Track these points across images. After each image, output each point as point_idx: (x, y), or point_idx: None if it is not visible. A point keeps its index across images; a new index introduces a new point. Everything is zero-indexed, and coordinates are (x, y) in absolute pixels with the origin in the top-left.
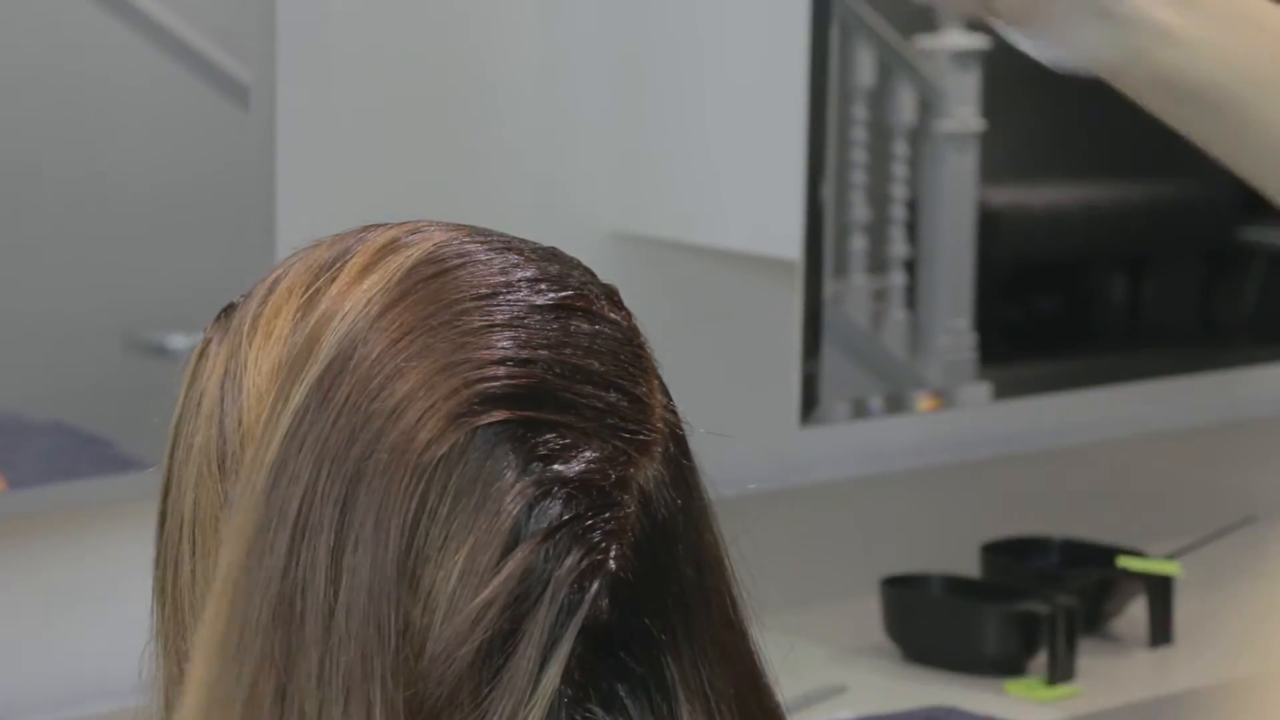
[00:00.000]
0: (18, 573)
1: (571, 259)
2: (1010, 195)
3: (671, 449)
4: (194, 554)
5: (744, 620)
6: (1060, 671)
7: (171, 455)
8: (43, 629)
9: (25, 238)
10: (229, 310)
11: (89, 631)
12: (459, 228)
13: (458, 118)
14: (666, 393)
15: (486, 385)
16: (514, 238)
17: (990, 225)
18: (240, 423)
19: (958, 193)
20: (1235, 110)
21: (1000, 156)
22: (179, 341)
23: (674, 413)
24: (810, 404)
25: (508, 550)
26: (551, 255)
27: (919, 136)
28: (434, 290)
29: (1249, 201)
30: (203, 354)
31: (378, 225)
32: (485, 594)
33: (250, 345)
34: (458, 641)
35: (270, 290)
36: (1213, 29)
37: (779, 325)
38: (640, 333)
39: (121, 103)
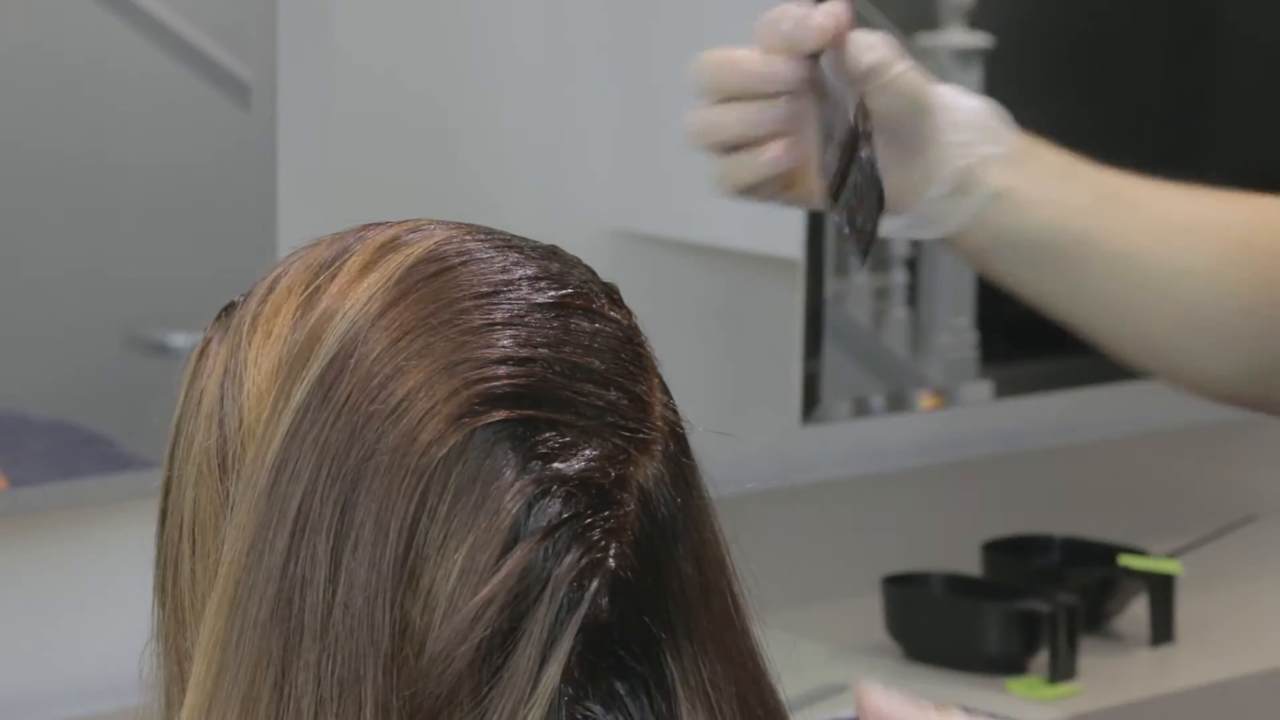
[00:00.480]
0: (18, 571)
1: (572, 257)
2: None
3: (671, 447)
4: (194, 553)
5: (745, 619)
6: (1061, 670)
7: (172, 454)
8: (43, 627)
9: (26, 236)
10: (229, 309)
11: (90, 630)
12: (459, 226)
13: (458, 116)
14: (666, 391)
15: (487, 385)
16: (514, 236)
17: None
18: (241, 422)
19: None
20: (1069, 262)
21: None
22: (180, 340)
23: (674, 411)
24: (811, 403)
25: (507, 549)
26: (552, 253)
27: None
28: (434, 289)
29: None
30: (203, 353)
31: (377, 224)
32: (485, 592)
33: (250, 344)
34: (457, 640)
35: (270, 289)
36: (1044, 184)
37: (780, 324)
38: (640, 331)
39: (123, 101)
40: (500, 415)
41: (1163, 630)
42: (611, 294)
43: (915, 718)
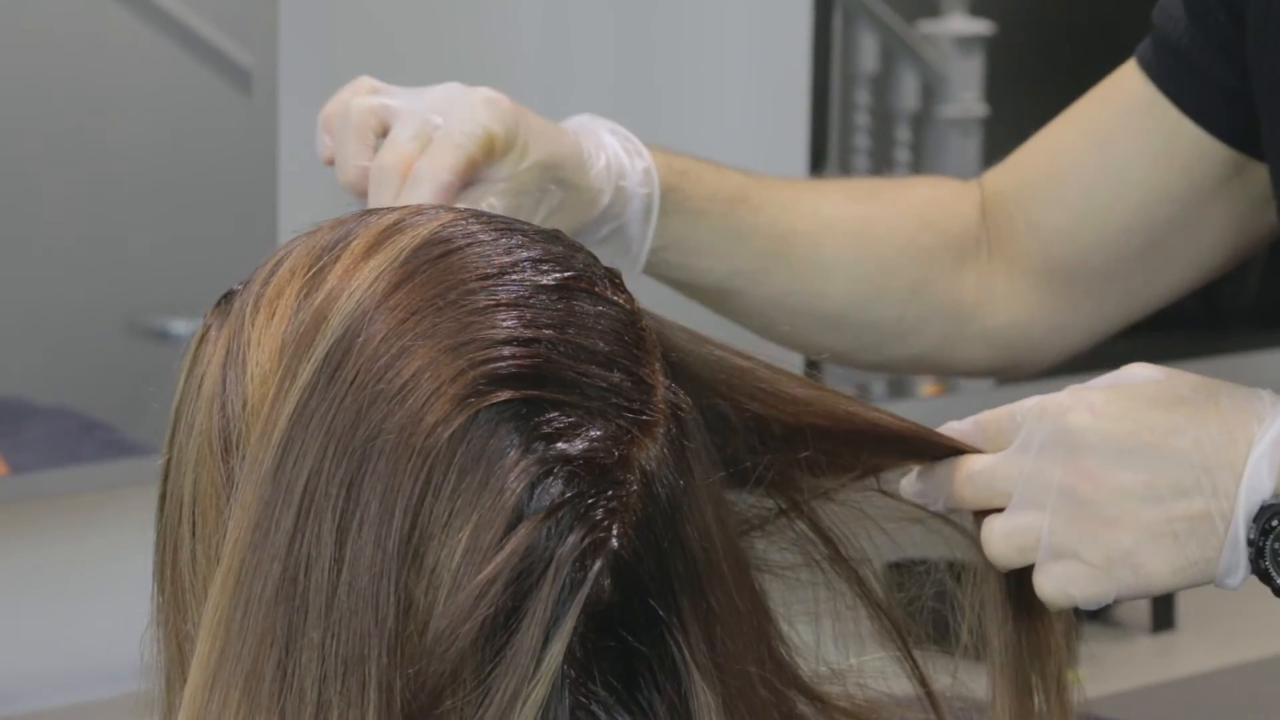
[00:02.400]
0: (19, 557)
1: (573, 241)
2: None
3: (673, 430)
4: (194, 535)
5: (752, 599)
6: None
7: (172, 438)
8: (45, 613)
9: (28, 224)
10: (228, 297)
11: (91, 616)
12: (460, 210)
13: None
14: (669, 374)
15: (492, 366)
16: (515, 220)
17: None
18: (245, 402)
19: (961, 177)
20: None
21: (1004, 142)
22: (181, 327)
23: (676, 394)
24: None
25: (511, 528)
26: (554, 237)
27: (922, 122)
28: (439, 270)
29: None
30: (203, 339)
31: (378, 209)
32: (488, 570)
33: (253, 326)
34: (461, 618)
35: (272, 272)
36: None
37: None
38: (642, 316)
39: (125, 88)
40: (505, 395)
41: (1163, 617)
42: (614, 278)
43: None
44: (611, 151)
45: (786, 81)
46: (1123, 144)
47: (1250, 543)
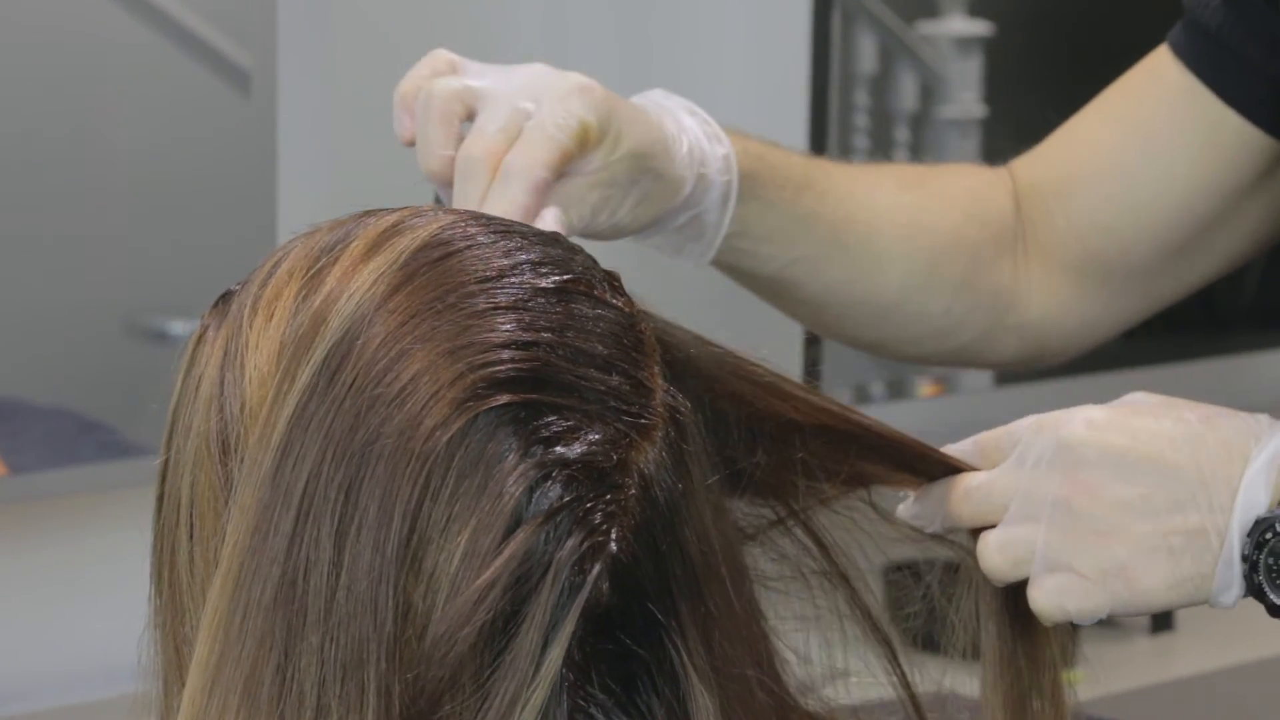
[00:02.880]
0: (18, 558)
1: (572, 244)
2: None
3: (672, 433)
4: (192, 538)
5: (750, 602)
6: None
7: (169, 440)
8: (43, 614)
9: (26, 223)
10: (225, 298)
11: (89, 617)
12: (459, 212)
13: None
14: (668, 378)
15: (491, 370)
16: (515, 222)
17: None
18: (243, 405)
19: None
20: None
21: (1002, 143)
22: (179, 328)
23: (675, 397)
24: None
25: (509, 532)
26: (553, 240)
27: (921, 123)
28: (439, 273)
29: None
30: (200, 340)
31: (377, 210)
32: (487, 575)
33: (251, 327)
34: (460, 622)
35: (270, 273)
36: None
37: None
38: (641, 319)
39: (123, 88)
40: (503, 399)
41: (1162, 618)
42: (612, 281)
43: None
44: (693, 136)
45: (785, 82)
46: (1165, 138)
47: (1244, 558)
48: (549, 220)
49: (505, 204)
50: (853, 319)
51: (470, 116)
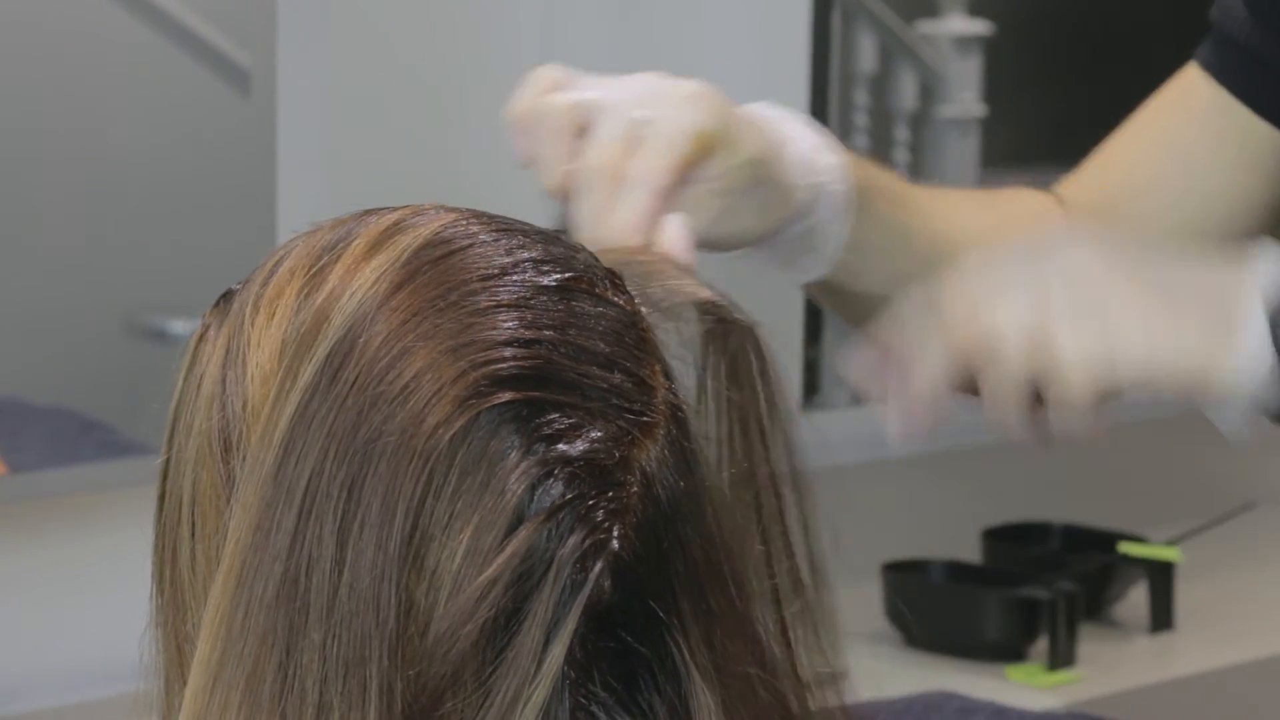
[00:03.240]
0: (19, 557)
1: (574, 243)
2: (1012, 181)
3: (674, 431)
4: (193, 536)
5: (752, 600)
6: (1061, 657)
7: (171, 439)
8: (42, 613)
9: (27, 223)
10: (227, 297)
11: (89, 616)
12: (461, 210)
13: (457, 100)
14: (670, 376)
15: (493, 368)
16: (515, 220)
17: None
18: (245, 403)
19: (959, 178)
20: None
21: (1002, 142)
22: (179, 327)
23: (676, 395)
24: (811, 389)
25: (511, 529)
26: (554, 238)
27: (920, 122)
28: (441, 271)
29: None
30: (201, 339)
31: (379, 209)
32: (489, 572)
33: (253, 326)
34: (462, 619)
35: (272, 272)
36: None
37: (781, 310)
38: (643, 316)
39: (123, 87)
40: (506, 397)
41: (1162, 617)
42: (614, 279)
43: None
44: (806, 145)
45: (785, 82)
46: (1202, 154)
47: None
48: (674, 226)
49: (629, 212)
50: None
51: (584, 131)
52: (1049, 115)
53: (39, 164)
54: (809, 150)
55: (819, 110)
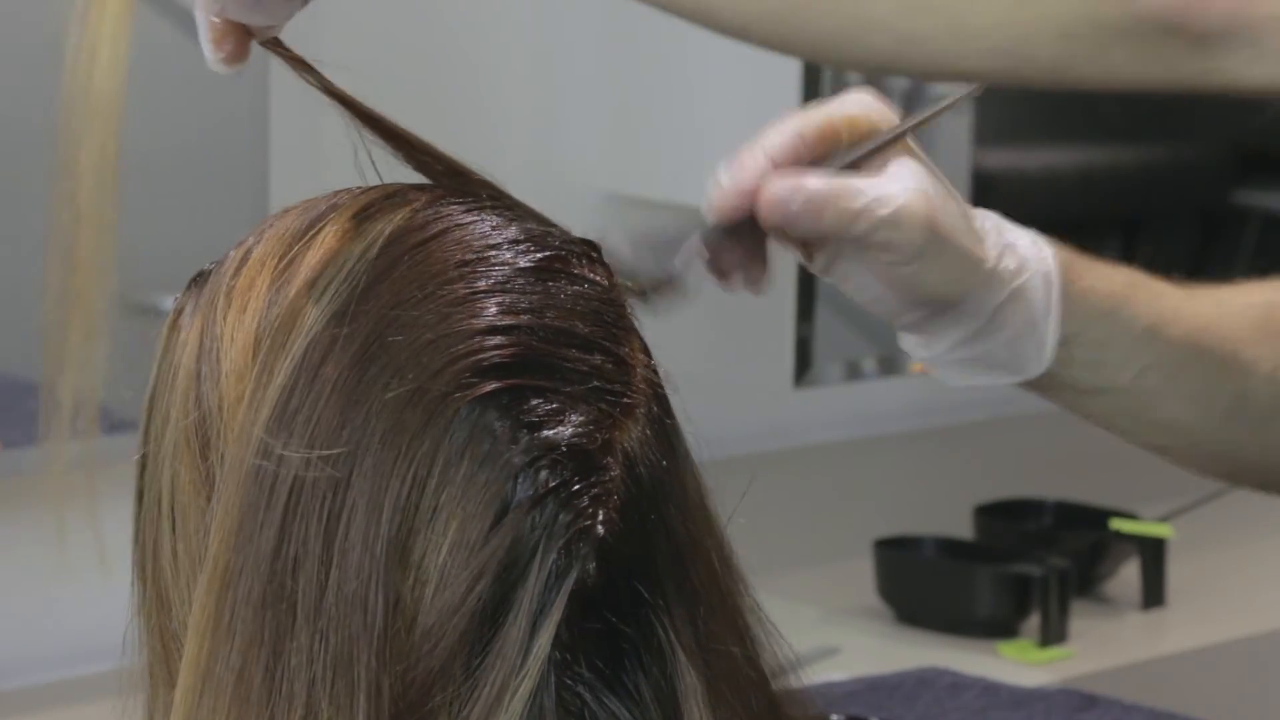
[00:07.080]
0: (12, 532)
1: (548, 219)
2: (1004, 158)
3: (654, 409)
4: (174, 532)
5: (735, 577)
6: (1052, 633)
7: (147, 431)
8: (38, 589)
9: (18, 201)
10: (200, 278)
11: (85, 591)
12: (430, 190)
13: (451, 81)
14: (647, 352)
15: (474, 358)
16: (486, 197)
17: (984, 188)
18: (221, 400)
19: (952, 156)
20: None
21: (995, 120)
22: (172, 304)
23: (654, 372)
24: (804, 366)
25: (497, 519)
26: (529, 213)
27: (913, 99)
28: (417, 260)
29: (1243, 164)
30: (174, 325)
31: (347, 189)
32: (476, 564)
33: (225, 319)
34: (449, 612)
35: (242, 261)
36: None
37: (773, 287)
38: (620, 290)
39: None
40: (487, 387)
41: (1154, 594)
42: (590, 253)
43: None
44: (994, 221)
45: (781, 80)
46: None
47: None
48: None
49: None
50: (1232, 430)
51: None
52: (1042, 93)
53: (30, 145)
54: (1004, 226)
55: (811, 84)
